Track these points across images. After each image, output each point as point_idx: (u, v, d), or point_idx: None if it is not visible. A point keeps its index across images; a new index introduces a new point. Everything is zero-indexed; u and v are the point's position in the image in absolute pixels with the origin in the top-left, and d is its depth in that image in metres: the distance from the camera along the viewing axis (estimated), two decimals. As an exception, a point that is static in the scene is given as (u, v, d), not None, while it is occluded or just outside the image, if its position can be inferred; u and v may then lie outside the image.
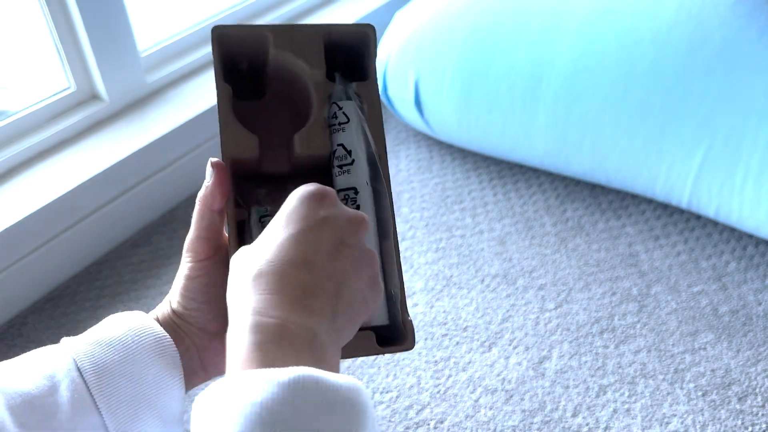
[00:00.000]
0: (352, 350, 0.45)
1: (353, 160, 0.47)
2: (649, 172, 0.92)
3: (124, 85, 1.01)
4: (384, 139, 0.49)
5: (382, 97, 1.12)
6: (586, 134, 0.94)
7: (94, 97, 1.01)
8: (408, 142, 1.17)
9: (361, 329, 0.46)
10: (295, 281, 0.37)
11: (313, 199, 0.40)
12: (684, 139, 0.87)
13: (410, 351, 0.71)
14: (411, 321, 0.47)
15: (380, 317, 0.47)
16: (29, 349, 0.45)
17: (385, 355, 0.50)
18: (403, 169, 1.11)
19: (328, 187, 0.41)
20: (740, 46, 0.84)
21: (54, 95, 0.96)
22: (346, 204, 0.47)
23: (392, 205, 0.49)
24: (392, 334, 0.48)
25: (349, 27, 0.49)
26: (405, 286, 0.89)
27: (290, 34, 0.48)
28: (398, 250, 0.48)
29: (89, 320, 0.87)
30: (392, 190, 0.71)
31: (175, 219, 1.02)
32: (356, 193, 0.47)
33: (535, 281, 0.90)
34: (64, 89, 0.98)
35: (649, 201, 1.01)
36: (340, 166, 0.48)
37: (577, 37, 0.92)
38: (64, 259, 0.91)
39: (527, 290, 0.89)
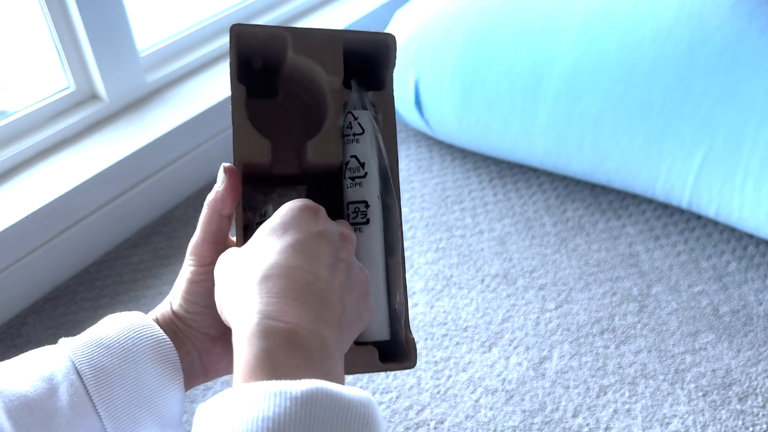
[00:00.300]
0: (353, 365, 0.45)
1: (366, 173, 0.47)
2: (649, 172, 0.92)
3: (123, 85, 1.01)
4: (396, 151, 0.49)
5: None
6: (587, 134, 0.94)
7: (94, 96, 1.01)
8: (408, 142, 1.17)
9: (362, 344, 0.45)
10: (305, 287, 0.36)
11: (307, 211, 0.40)
12: (684, 139, 0.87)
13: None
14: (414, 339, 0.47)
15: (382, 332, 0.46)
16: (29, 349, 0.45)
17: (387, 372, 0.49)
18: (403, 169, 1.11)
19: (317, 204, 0.41)
20: (740, 46, 0.84)
21: (54, 95, 0.96)
22: (356, 217, 0.46)
23: (401, 221, 0.48)
24: (393, 350, 0.47)
25: (369, 35, 0.49)
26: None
27: (309, 37, 0.47)
28: (404, 267, 0.47)
29: (89, 320, 0.86)
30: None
31: (174, 219, 1.02)
32: (367, 206, 0.46)
33: (536, 281, 0.90)
34: (64, 89, 0.97)
35: (650, 201, 1.01)
36: (353, 178, 0.47)
37: (577, 37, 0.92)
38: (64, 259, 0.91)
39: (527, 290, 0.89)
